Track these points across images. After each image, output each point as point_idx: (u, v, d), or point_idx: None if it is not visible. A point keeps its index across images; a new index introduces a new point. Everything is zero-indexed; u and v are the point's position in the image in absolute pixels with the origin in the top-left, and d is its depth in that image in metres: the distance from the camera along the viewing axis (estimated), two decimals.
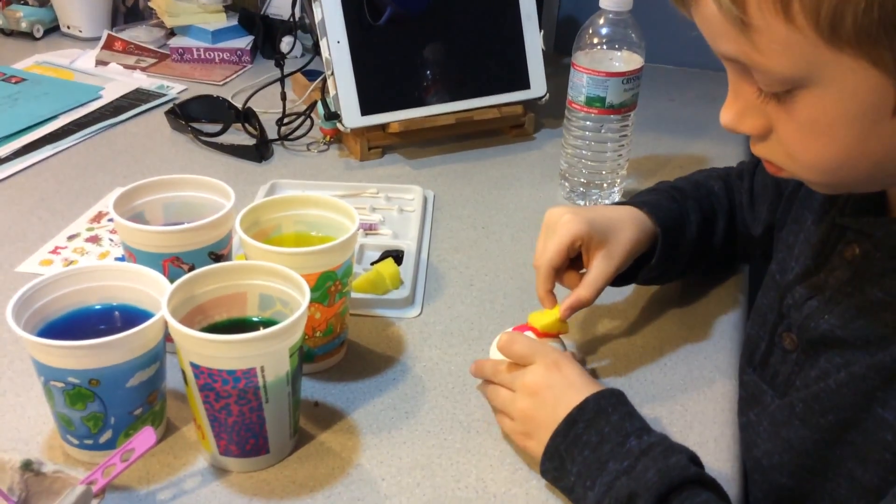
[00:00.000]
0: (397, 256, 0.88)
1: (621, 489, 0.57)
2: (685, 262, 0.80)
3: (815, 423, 0.59)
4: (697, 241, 0.79)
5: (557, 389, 0.64)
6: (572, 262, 0.74)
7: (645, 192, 0.82)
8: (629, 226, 0.74)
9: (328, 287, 0.70)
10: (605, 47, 0.97)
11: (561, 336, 0.73)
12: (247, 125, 1.13)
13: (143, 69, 1.37)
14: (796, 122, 0.50)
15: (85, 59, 1.40)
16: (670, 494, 0.56)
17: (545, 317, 0.71)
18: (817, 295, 0.61)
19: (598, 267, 0.72)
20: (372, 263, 0.87)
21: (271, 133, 1.12)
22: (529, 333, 0.71)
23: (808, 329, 0.61)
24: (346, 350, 0.77)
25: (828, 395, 0.58)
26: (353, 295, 0.81)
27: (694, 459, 0.59)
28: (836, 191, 0.59)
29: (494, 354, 0.71)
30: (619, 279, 0.76)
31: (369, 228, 0.94)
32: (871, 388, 0.55)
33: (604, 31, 0.96)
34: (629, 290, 0.86)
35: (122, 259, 0.76)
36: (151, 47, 1.44)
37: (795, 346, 0.63)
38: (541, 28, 1.16)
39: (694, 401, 0.73)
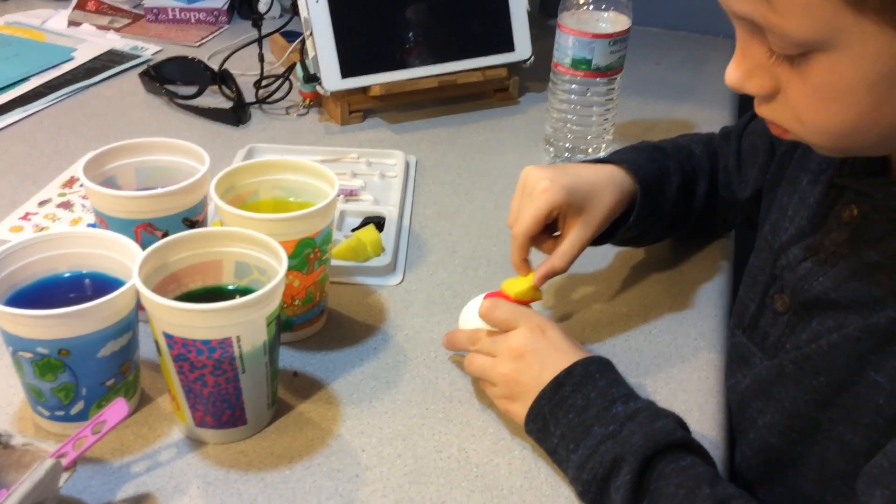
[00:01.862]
0: (379, 223, 0.87)
1: (606, 453, 0.57)
2: (664, 224, 0.79)
3: (807, 384, 0.58)
4: (677, 203, 0.78)
5: (543, 353, 0.63)
6: (548, 225, 0.72)
7: (626, 149, 0.81)
8: (608, 190, 0.72)
9: (307, 254, 0.68)
10: (591, 8, 0.94)
11: (534, 304, 0.71)
12: (223, 87, 1.11)
13: (117, 30, 1.33)
14: (809, 85, 0.49)
15: (57, 19, 1.36)
16: (655, 457, 0.56)
17: (519, 284, 0.70)
18: (812, 256, 0.60)
19: (575, 235, 0.70)
20: (353, 230, 0.85)
21: (249, 96, 1.10)
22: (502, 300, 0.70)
23: (801, 291, 0.60)
24: (325, 319, 0.75)
25: (820, 357, 0.57)
26: (333, 262, 0.79)
27: (681, 423, 0.59)
28: (842, 154, 0.58)
29: (464, 324, 0.70)
30: (595, 239, 0.75)
31: (350, 194, 0.92)
32: (865, 351, 0.55)
33: None
34: (613, 256, 0.85)
35: (93, 226, 0.74)
36: (125, 7, 1.40)
37: (787, 308, 0.62)
38: None
39: (679, 368, 0.72)
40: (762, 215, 0.71)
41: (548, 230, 0.73)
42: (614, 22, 0.94)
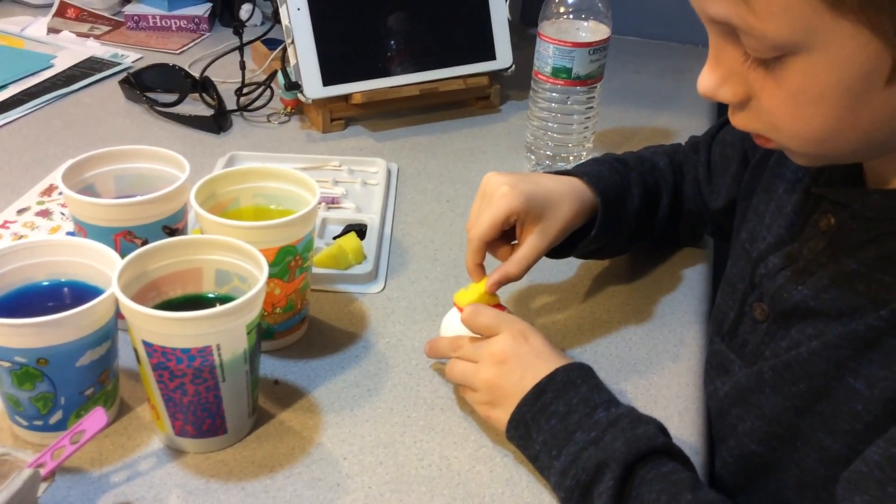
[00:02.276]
0: (360, 230, 0.87)
1: (589, 459, 0.57)
2: (626, 236, 0.79)
3: (786, 391, 0.59)
4: (639, 216, 0.78)
5: (525, 359, 0.63)
6: (506, 232, 0.72)
7: (588, 162, 0.81)
8: (567, 201, 0.72)
9: (288, 262, 0.68)
10: (571, 17, 0.95)
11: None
12: (204, 95, 1.10)
13: (97, 37, 1.32)
14: (784, 90, 0.49)
15: (36, 26, 1.35)
16: (637, 464, 0.56)
17: (471, 293, 0.70)
18: (791, 265, 0.60)
19: (531, 243, 0.70)
20: (334, 237, 0.85)
21: (230, 104, 1.09)
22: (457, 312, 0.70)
23: (780, 299, 0.60)
24: (307, 327, 0.75)
25: (799, 364, 0.57)
26: (315, 270, 0.79)
27: (662, 429, 0.59)
28: (819, 162, 0.58)
29: (446, 332, 0.70)
30: (557, 252, 0.75)
31: (332, 202, 0.92)
32: (844, 358, 0.55)
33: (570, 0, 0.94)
34: (592, 263, 0.85)
35: (72, 234, 0.73)
36: (106, 14, 1.39)
37: (766, 317, 0.62)
38: None
39: (659, 375, 0.73)
40: (737, 223, 0.71)
41: (507, 238, 0.73)
42: (594, 31, 0.95)
